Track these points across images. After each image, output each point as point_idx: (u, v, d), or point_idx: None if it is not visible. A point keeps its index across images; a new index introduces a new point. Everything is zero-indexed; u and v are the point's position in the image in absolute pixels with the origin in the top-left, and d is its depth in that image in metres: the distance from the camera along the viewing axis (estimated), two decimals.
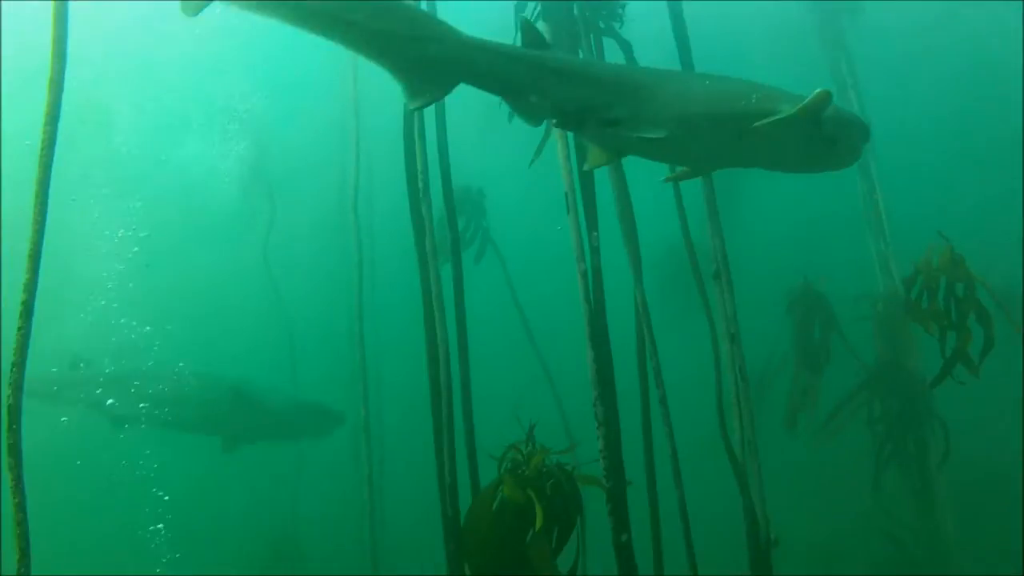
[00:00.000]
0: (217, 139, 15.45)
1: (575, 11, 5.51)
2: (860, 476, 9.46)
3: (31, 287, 3.34)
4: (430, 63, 4.06)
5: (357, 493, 11.22)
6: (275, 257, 13.81)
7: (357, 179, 9.16)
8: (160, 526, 11.78)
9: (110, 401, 10.96)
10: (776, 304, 9.74)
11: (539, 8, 5.58)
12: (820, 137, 4.23)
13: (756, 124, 4.06)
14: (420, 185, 5.28)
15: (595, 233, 4.65)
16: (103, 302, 13.09)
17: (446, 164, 5.41)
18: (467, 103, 5.44)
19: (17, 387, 3.29)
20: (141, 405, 10.80)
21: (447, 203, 5.43)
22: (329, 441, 12.28)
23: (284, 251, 14.11)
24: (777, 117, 4.04)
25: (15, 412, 3.27)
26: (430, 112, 5.45)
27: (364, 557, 9.62)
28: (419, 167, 5.29)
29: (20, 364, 3.30)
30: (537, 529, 4.52)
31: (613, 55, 5.66)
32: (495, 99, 4.39)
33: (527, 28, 4.45)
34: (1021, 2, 13.46)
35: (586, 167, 4.56)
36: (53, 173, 3.49)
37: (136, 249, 13.34)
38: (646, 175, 5.28)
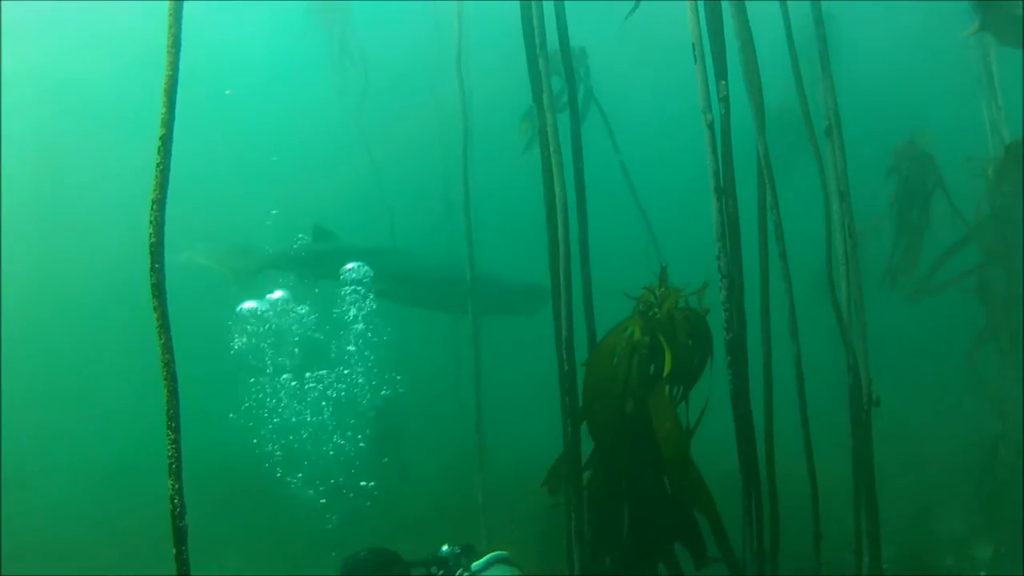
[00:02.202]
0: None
1: None
2: (957, 347, 9.35)
3: (168, 122, 3.38)
4: None
5: (460, 358, 11.43)
6: (370, 121, 13.89)
7: (460, 37, 9.06)
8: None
9: (352, 275, 11.35)
10: (879, 165, 9.54)
11: None
12: None
13: None
14: (537, 40, 5.23)
15: (723, 82, 4.56)
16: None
17: (562, 16, 5.34)
18: None
19: (159, 225, 3.33)
20: (387, 281, 11.34)
21: (564, 56, 5.37)
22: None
23: (378, 115, 14.16)
24: None
25: (157, 251, 3.31)
26: None
27: (469, 421, 9.74)
28: (535, 21, 5.24)
29: (160, 202, 3.34)
30: (665, 375, 4.44)
31: None
32: None
33: None
34: None
35: None
36: None
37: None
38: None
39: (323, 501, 9.96)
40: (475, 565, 3.95)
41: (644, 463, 4.60)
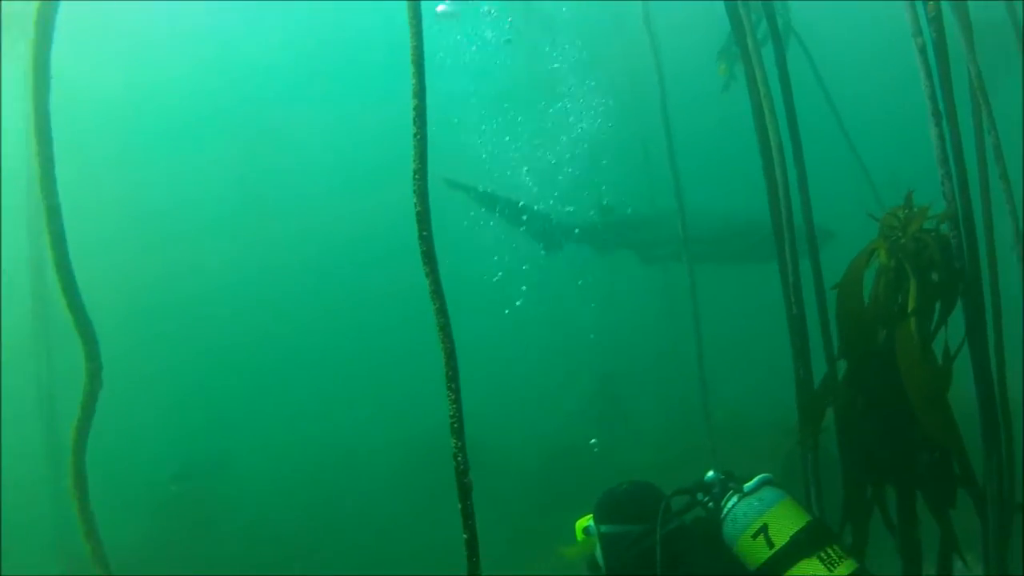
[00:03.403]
0: None
1: None
2: None
3: (420, 92, 3.37)
4: None
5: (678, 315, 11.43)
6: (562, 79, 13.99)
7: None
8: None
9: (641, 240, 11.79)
10: None
11: None
12: None
13: None
14: None
15: (931, 3, 4.46)
16: None
17: None
18: None
19: (423, 194, 3.35)
20: (668, 245, 11.39)
21: None
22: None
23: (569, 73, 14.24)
24: None
25: (424, 219, 3.34)
26: None
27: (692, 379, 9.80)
28: None
29: (421, 171, 3.35)
30: (910, 310, 4.22)
31: None
32: None
33: None
34: None
35: None
36: None
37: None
38: None
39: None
40: (746, 486, 3.99)
41: (895, 397, 4.36)
